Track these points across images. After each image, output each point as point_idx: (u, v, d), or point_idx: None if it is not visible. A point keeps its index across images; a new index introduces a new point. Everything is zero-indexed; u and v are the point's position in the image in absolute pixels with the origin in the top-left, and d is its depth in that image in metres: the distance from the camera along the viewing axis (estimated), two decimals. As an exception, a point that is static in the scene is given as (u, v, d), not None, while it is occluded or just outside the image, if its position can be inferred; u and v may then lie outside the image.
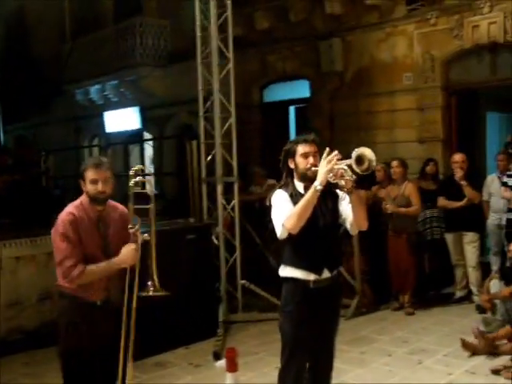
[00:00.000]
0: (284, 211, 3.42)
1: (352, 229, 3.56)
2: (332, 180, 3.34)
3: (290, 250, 3.53)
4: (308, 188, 3.38)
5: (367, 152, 3.25)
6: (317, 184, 3.30)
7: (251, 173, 9.11)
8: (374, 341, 6.15)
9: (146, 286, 3.50)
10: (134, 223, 3.50)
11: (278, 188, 3.61)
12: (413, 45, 9.29)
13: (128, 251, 3.45)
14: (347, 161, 3.27)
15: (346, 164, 3.28)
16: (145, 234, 3.56)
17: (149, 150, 15.02)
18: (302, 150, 3.50)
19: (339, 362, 4.55)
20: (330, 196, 3.55)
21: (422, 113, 9.24)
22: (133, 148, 15.43)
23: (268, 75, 11.47)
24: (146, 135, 14.84)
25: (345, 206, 3.52)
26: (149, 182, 3.69)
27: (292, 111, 11.61)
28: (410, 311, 7.03)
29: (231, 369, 4.51)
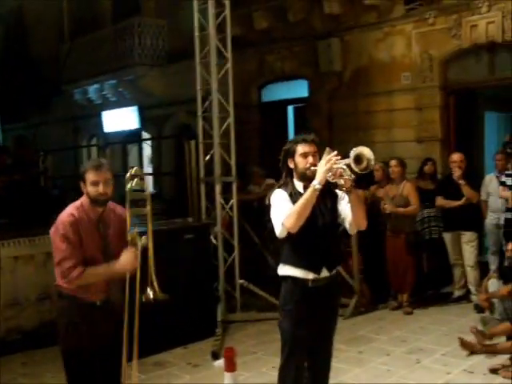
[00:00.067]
0: (283, 210, 3.42)
1: (351, 228, 3.57)
2: (331, 179, 3.35)
3: (289, 248, 3.54)
4: (307, 187, 3.39)
5: (366, 151, 3.26)
6: (316, 183, 3.31)
7: (250, 172, 9.11)
8: (372, 340, 6.16)
9: (146, 291, 3.47)
10: (131, 232, 3.48)
11: (278, 187, 3.62)
12: (411, 44, 9.29)
13: (128, 257, 3.42)
14: (346, 160, 3.28)
15: (345, 163, 3.28)
16: (143, 236, 3.52)
17: (147, 149, 15.01)
18: (301, 149, 3.51)
19: (337, 361, 4.57)
20: (330, 195, 3.56)
21: (420, 112, 9.24)
22: (131, 148, 15.40)
23: (266, 75, 11.47)
24: (145, 135, 14.84)
25: (344, 205, 3.53)
26: (146, 186, 3.62)
27: (290, 111, 11.60)
28: (408, 311, 7.04)
29: (229, 368, 4.52)
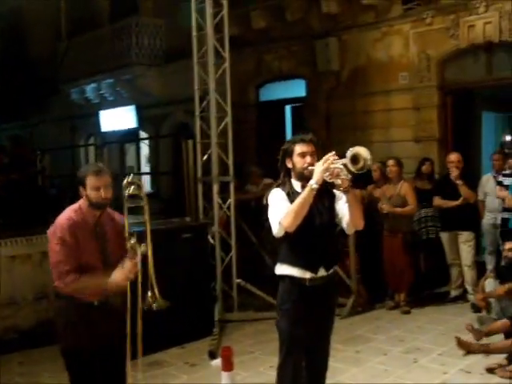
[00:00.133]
0: (281, 209, 3.43)
1: (348, 228, 3.58)
2: (328, 179, 3.36)
3: (287, 248, 3.54)
4: (305, 187, 3.39)
5: (362, 151, 3.26)
6: (313, 182, 3.32)
7: (247, 172, 9.11)
8: (369, 340, 6.16)
9: (146, 297, 3.45)
10: (130, 239, 3.46)
11: (276, 187, 3.63)
12: (409, 44, 9.30)
13: (121, 273, 3.35)
14: (343, 160, 3.29)
15: (342, 163, 3.29)
16: (142, 244, 3.49)
17: (145, 149, 15.00)
18: (299, 149, 3.52)
19: (335, 361, 4.58)
20: (327, 195, 3.56)
21: (418, 112, 9.24)
22: (129, 147, 15.41)
23: (264, 74, 11.47)
24: (142, 134, 14.83)
25: (341, 205, 3.54)
26: (144, 195, 3.59)
27: (288, 110, 11.60)
28: (405, 310, 7.05)
29: (227, 368, 4.52)
